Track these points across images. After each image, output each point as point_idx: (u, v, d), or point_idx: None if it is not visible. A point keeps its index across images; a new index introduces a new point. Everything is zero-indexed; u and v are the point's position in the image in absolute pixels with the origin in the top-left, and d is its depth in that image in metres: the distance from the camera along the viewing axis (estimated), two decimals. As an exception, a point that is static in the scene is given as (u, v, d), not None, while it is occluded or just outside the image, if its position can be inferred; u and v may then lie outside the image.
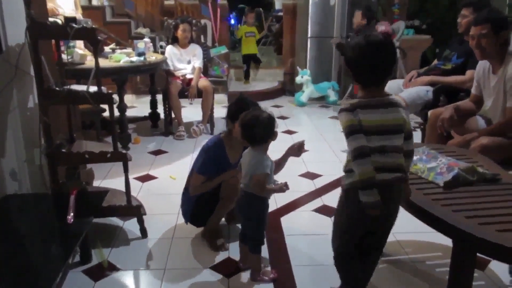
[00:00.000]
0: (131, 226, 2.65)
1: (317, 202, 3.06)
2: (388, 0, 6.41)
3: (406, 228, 2.32)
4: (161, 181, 3.45)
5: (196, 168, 2.45)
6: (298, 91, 5.95)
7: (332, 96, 5.88)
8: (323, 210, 2.94)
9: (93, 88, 2.35)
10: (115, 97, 2.62)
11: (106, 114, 4.17)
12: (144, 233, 2.57)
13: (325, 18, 6.00)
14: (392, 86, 3.85)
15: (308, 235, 2.63)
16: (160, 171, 3.64)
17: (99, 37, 2.36)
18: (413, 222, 1.93)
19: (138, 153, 3.97)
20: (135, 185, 3.26)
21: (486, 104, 2.84)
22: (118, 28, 5.83)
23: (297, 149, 2.37)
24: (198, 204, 2.49)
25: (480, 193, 1.89)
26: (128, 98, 5.25)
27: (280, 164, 2.37)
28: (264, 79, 7.08)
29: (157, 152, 4.06)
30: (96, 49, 2.34)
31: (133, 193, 3.01)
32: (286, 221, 2.80)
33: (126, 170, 2.45)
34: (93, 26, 2.53)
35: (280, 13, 8.32)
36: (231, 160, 2.47)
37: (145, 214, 2.57)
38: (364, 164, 1.58)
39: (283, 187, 2.05)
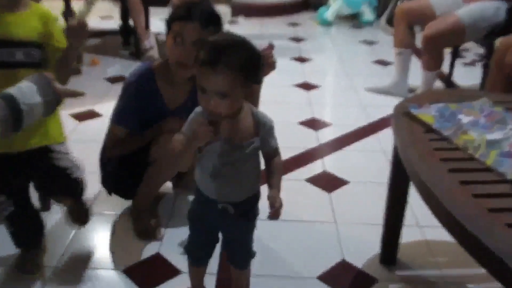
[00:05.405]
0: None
1: (316, 168, 2.13)
2: None
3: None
4: (105, 122, 2.35)
5: (112, 115, 1.57)
6: (324, 5, 4.77)
7: (368, 14, 4.69)
8: (320, 180, 2.02)
9: None
10: None
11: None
12: (45, 204, 1.70)
13: None
14: (445, 1, 2.73)
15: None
16: (111, 106, 2.58)
17: None
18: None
19: (91, 80, 3.00)
20: (68, 125, 2.38)
21: None
22: None
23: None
24: (120, 172, 1.63)
25: None
26: (104, 6, 4.06)
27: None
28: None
29: (116, 79, 3.02)
30: None
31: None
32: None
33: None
34: None
35: None
36: (169, 104, 1.56)
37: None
38: None
39: None
